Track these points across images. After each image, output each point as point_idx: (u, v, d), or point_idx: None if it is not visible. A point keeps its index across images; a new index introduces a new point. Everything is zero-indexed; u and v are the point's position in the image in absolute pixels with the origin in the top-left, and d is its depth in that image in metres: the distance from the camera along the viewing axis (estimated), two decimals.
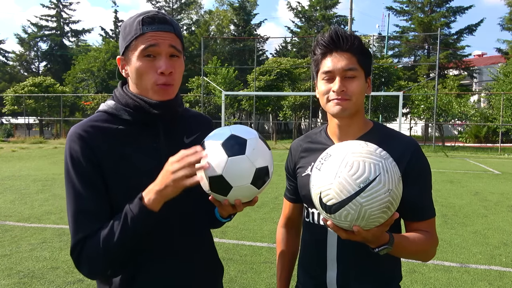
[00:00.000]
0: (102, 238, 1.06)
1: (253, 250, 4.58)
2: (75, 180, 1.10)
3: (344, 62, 1.24)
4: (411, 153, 1.26)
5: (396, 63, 33.92)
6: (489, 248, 4.77)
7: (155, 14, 1.14)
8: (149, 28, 1.12)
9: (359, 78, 1.26)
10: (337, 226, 1.06)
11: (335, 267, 1.30)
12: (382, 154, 1.04)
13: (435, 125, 23.61)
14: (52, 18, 45.07)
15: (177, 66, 1.16)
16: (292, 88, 28.81)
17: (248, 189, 1.07)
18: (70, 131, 1.14)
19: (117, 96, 1.21)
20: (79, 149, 1.11)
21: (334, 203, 1.00)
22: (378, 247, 1.11)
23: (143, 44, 1.11)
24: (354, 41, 1.25)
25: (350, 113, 1.27)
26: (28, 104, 29.16)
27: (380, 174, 0.98)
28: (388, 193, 0.98)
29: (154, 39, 1.11)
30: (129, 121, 1.17)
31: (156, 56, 1.13)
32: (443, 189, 8.69)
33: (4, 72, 43.59)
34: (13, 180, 9.38)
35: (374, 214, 0.99)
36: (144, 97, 1.16)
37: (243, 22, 42.42)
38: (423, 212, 1.27)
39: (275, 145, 23.28)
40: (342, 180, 0.98)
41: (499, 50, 35.42)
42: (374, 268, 1.29)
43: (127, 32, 1.15)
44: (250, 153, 1.05)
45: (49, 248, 4.55)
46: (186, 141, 1.25)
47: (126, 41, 1.14)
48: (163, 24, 1.13)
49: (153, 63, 1.13)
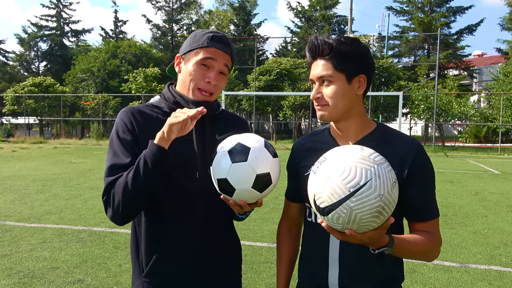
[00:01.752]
0: (122, 181, 1.25)
1: (253, 250, 4.58)
2: (115, 142, 1.33)
3: (318, 70, 1.28)
4: (415, 154, 1.26)
5: (396, 63, 33.91)
6: (489, 248, 4.77)
7: (223, 36, 1.38)
8: (214, 44, 1.36)
9: (335, 83, 1.26)
10: (331, 228, 1.08)
11: (337, 267, 1.29)
12: (376, 159, 1.05)
13: (435, 125, 23.62)
14: (52, 18, 45.04)
15: (222, 82, 1.41)
16: (292, 88, 28.81)
17: (250, 192, 1.22)
18: (122, 109, 1.40)
19: (163, 92, 1.46)
20: (125, 121, 1.34)
21: (326, 205, 1.03)
22: (378, 248, 1.12)
23: (204, 54, 1.35)
24: (332, 45, 1.25)
25: (333, 118, 1.30)
26: (28, 104, 29.16)
27: (371, 179, 1.00)
28: (379, 198, 1.00)
29: (214, 54, 1.35)
30: (168, 113, 1.33)
31: (210, 67, 1.36)
32: (443, 189, 8.69)
33: (4, 72, 43.58)
34: (13, 180, 9.38)
35: (365, 218, 1.01)
36: (183, 94, 1.39)
37: (243, 22, 42.43)
38: (426, 212, 1.27)
39: (275, 145, 23.28)
40: (333, 184, 1.02)
41: (499, 50, 35.43)
42: (376, 268, 1.29)
43: (196, 40, 1.38)
44: (252, 161, 1.20)
45: (49, 248, 4.55)
46: (218, 138, 1.41)
47: (192, 47, 1.37)
48: (226, 46, 1.38)
49: (205, 72, 1.36)
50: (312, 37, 1.30)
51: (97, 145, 23.15)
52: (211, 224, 1.41)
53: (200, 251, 1.39)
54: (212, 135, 1.42)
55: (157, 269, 1.37)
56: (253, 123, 31.00)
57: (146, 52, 37.07)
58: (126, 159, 1.29)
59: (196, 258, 1.39)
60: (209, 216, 1.40)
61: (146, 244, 1.38)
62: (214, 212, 1.41)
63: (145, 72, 29.26)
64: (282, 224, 1.58)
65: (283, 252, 1.55)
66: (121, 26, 45.86)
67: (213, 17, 43.73)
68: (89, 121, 30.46)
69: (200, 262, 1.40)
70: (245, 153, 1.20)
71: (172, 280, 1.38)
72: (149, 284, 1.38)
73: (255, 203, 1.27)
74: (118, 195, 1.25)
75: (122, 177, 1.25)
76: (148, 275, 1.37)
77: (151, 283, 1.38)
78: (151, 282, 1.38)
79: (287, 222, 1.56)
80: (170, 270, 1.37)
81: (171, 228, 1.36)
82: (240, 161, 1.19)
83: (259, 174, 1.20)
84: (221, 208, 1.38)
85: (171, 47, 42.10)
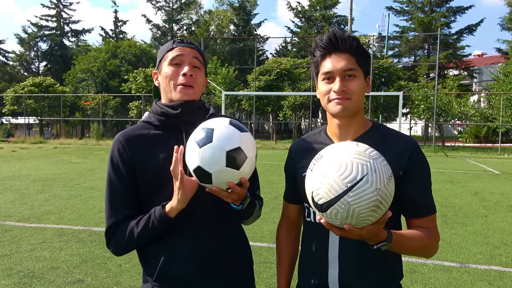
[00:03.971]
0: (129, 229, 1.35)
1: (253, 250, 4.56)
2: (112, 176, 1.40)
3: (343, 63, 1.26)
4: (411, 151, 1.28)
5: (396, 63, 33.92)
6: (489, 248, 4.77)
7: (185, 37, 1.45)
8: (178, 44, 1.45)
9: (358, 78, 1.28)
10: (330, 224, 1.09)
11: (336, 266, 1.30)
12: (371, 154, 1.07)
13: (435, 125, 23.62)
14: (52, 18, 45.06)
15: (198, 74, 1.45)
16: (292, 88, 28.81)
17: (227, 172, 1.20)
18: (116, 136, 1.46)
19: (152, 108, 1.52)
20: (117, 152, 1.40)
21: (324, 202, 1.04)
22: (376, 244, 1.13)
23: (172, 55, 1.43)
24: (352, 42, 1.28)
25: (350, 113, 1.29)
26: (28, 104, 29.16)
27: (367, 174, 1.01)
28: (376, 192, 1.01)
29: (180, 51, 1.43)
30: (158, 126, 1.44)
31: (181, 64, 1.42)
32: (443, 189, 8.69)
33: (4, 72, 43.58)
34: (13, 180, 9.38)
35: (363, 212, 1.02)
36: (167, 103, 1.44)
37: (243, 22, 42.42)
38: (423, 208, 1.29)
39: (275, 145, 23.28)
40: (330, 180, 1.03)
41: (499, 50, 35.42)
42: (376, 266, 1.29)
43: (162, 50, 1.48)
44: (217, 139, 1.19)
45: (49, 248, 4.55)
46: None
47: (160, 56, 1.47)
48: (189, 43, 1.46)
49: (178, 69, 1.42)
50: (331, 30, 1.30)
51: (97, 145, 23.16)
52: (216, 226, 1.42)
53: (207, 252, 1.40)
54: None
55: (165, 272, 1.38)
56: (253, 123, 31.00)
57: (146, 52, 37.09)
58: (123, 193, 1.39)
59: (203, 259, 1.39)
60: (213, 217, 1.41)
61: (151, 248, 1.40)
62: (217, 214, 1.41)
63: (145, 72, 29.25)
64: (281, 226, 1.58)
65: (283, 253, 1.55)
66: (121, 26, 45.90)
67: (213, 17, 43.72)
68: (89, 121, 30.47)
69: (208, 263, 1.40)
70: (209, 135, 1.20)
71: (183, 284, 1.39)
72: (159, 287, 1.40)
73: (240, 185, 1.25)
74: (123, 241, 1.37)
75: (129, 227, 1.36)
76: (158, 279, 1.39)
77: (160, 286, 1.40)
78: (161, 286, 1.40)
79: (286, 223, 1.56)
80: (179, 273, 1.38)
81: (175, 231, 1.38)
82: (207, 143, 1.19)
83: (228, 150, 1.18)
84: (223, 208, 1.39)
85: None
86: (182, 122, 1.41)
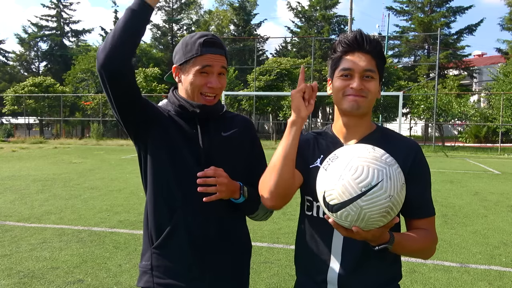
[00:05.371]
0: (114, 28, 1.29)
1: (253, 250, 4.56)
2: None
3: (365, 63, 1.29)
4: (414, 155, 1.32)
5: (396, 63, 33.93)
6: (489, 248, 4.77)
7: (213, 39, 1.43)
8: (208, 50, 1.41)
9: (375, 80, 1.31)
10: (338, 224, 1.11)
11: (338, 261, 1.30)
12: (388, 160, 1.08)
13: (435, 125, 23.61)
14: (52, 18, 45.02)
15: (223, 82, 1.48)
16: (292, 88, 28.76)
17: None
18: None
19: (168, 97, 1.55)
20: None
21: (336, 203, 1.05)
22: (378, 245, 1.16)
23: (201, 63, 1.41)
24: (376, 44, 1.31)
25: (363, 112, 1.32)
26: (28, 104, 29.15)
27: (382, 180, 1.03)
28: (389, 199, 1.03)
29: (210, 61, 1.42)
30: (175, 115, 1.48)
31: (209, 73, 1.43)
32: (443, 189, 8.69)
33: (4, 72, 43.56)
34: (13, 180, 9.38)
35: (373, 217, 1.04)
36: (187, 99, 1.47)
37: (243, 22, 42.40)
38: (424, 210, 1.32)
39: (275, 145, 23.28)
40: (345, 182, 1.04)
41: (499, 50, 35.42)
42: (376, 265, 1.30)
43: (188, 50, 1.43)
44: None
45: (49, 248, 4.55)
46: (224, 135, 1.52)
47: (186, 57, 1.43)
48: (219, 48, 1.44)
49: (206, 79, 1.43)
50: (358, 30, 1.32)
51: (97, 145, 23.15)
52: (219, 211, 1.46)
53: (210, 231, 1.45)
54: (217, 133, 1.51)
55: (167, 242, 1.43)
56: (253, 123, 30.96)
57: (146, 52, 37.06)
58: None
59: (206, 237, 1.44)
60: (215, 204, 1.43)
61: (156, 220, 1.45)
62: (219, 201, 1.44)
63: (145, 72, 29.26)
64: None
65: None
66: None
67: (213, 17, 43.72)
68: (89, 121, 30.46)
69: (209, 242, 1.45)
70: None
71: (183, 256, 1.43)
72: (159, 256, 1.44)
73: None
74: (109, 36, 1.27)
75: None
76: (159, 247, 1.44)
77: (160, 254, 1.44)
78: (161, 254, 1.44)
79: None
80: (180, 245, 1.43)
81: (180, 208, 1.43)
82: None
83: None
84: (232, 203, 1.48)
85: (171, 47, 42.05)
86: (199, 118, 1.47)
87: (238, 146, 1.53)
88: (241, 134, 1.56)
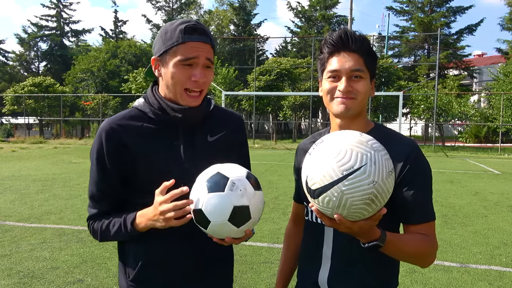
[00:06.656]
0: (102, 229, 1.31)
1: (253, 250, 4.57)
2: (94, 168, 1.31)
3: (351, 63, 1.24)
4: (411, 154, 1.23)
5: (396, 63, 33.92)
6: (489, 248, 4.77)
7: (196, 25, 1.23)
8: (190, 38, 1.21)
9: (364, 79, 1.26)
10: (321, 213, 1.05)
11: (328, 265, 1.29)
12: (374, 145, 1.02)
13: (435, 125, 23.61)
14: (52, 18, 45.07)
15: (209, 75, 1.28)
16: (292, 88, 28.82)
17: (226, 226, 1.11)
18: (102, 124, 1.30)
19: (147, 95, 1.34)
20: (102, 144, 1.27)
21: (317, 187, 1.00)
22: (368, 242, 1.08)
23: (183, 53, 1.21)
24: (362, 42, 1.25)
25: (353, 113, 1.26)
26: (28, 104, 29.16)
27: (366, 164, 0.97)
28: (372, 185, 0.97)
29: (194, 51, 1.22)
30: (153, 120, 1.30)
31: (193, 65, 1.23)
32: (443, 189, 8.69)
33: (4, 72, 43.58)
34: (13, 180, 9.38)
35: (356, 204, 0.98)
36: (168, 102, 1.28)
37: (243, 22, 42.42)
38: (421, 214, 1.22)
39: (275, 145, 23.28)
40: (327, 165, 0.99)
41: (499, 50, 35.43)
42: (367, 271, 1.26)
43: (168, 38, 1.23)
44: (228, 192, 1.11)
45: (49, 248, 4.54)
46: (210, 140, 1.35)
47: (166, 46, 1.23)
48: (203, 35, 1.24)
49: (189, 71, 1.23)
50: (343, 28, 1.28)
51: None
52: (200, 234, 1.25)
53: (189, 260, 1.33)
54: (203, 138, 1.34)
55: (143, 276, 1.32)
56: (253, 123, 31.00)
57: (146, 52, 37.06)
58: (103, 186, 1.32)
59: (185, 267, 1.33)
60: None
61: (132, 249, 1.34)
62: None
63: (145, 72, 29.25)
64: (290, 220, 1.60)
65: (288, 243, 1.58)
66: (121, 26, 45.89)
67: (213, 17, 43.73)
68: (89, 121, 30.49)
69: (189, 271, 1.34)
70: (223, 183, 1.12)
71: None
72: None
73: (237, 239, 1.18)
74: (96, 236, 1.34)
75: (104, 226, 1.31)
76: (134, 281, 1.34)
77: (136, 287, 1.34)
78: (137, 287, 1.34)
79: (295, 218, 1.58)
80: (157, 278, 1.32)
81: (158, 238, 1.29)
82: (217, 191, 1.11)
83: (236, 206, 1.10)
84: None
85: None
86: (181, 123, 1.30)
87: (226, 149, 1.37)
88: (231, 136, 1.41)
